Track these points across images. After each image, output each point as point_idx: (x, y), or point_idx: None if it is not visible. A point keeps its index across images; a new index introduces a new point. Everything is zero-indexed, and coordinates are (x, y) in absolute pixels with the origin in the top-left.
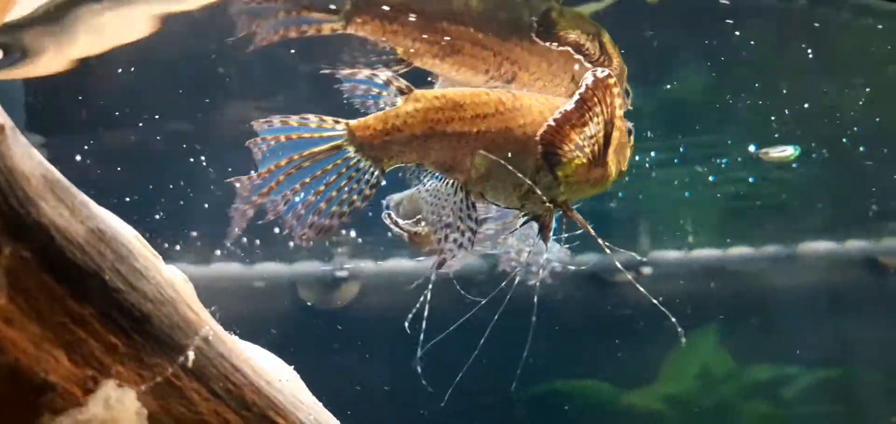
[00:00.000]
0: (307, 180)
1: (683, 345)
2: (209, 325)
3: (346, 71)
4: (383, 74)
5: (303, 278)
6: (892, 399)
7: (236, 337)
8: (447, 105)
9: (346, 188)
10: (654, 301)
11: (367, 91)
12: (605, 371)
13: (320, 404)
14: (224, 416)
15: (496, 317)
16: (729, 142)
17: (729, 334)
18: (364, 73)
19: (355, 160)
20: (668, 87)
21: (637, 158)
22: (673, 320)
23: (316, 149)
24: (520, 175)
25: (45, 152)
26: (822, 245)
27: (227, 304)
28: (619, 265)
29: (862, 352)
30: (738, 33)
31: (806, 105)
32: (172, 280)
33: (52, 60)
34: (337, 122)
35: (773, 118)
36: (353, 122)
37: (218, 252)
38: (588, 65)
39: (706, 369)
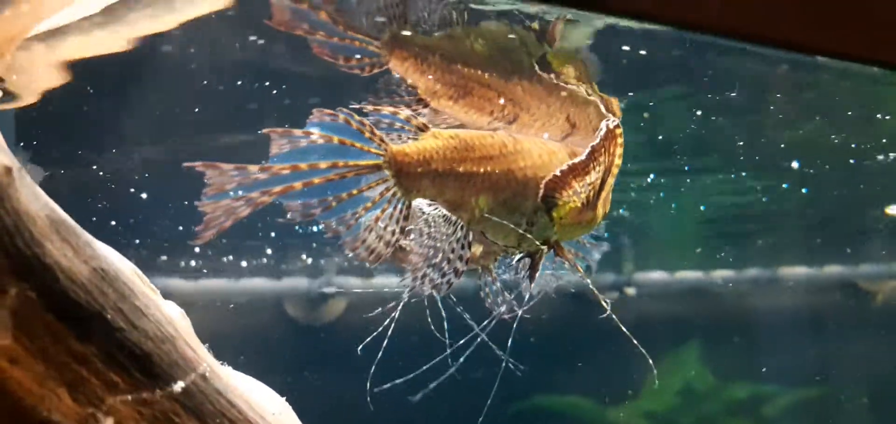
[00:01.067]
0: (349, 194)
1: (666, 362)
2: (206, 362)
3: (371, 107)
4: (404, 112)
5: (289, 294)
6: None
7: (229, 368)
8: (460, 145)
9: (388, 212)
10: (626, 331)
11: (390, 125)
12: (588, 387)
13: None
14: None
15: (479, 335)
16: (713, 166)
17: (710, 352)
18: (388, 109)
19: (392, 184)
20: (652, 105)
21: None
22: (641, 349)
23: (361, 162)
24: (519, 216)
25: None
26: (802, 270)
27: (213, 320)
28: (601, 299)
29: (841, 372)
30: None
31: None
32: (171, 317)
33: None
34: (382, 140)
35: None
36: (393, 146)
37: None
38: (579, 103)
39: (688, 386)
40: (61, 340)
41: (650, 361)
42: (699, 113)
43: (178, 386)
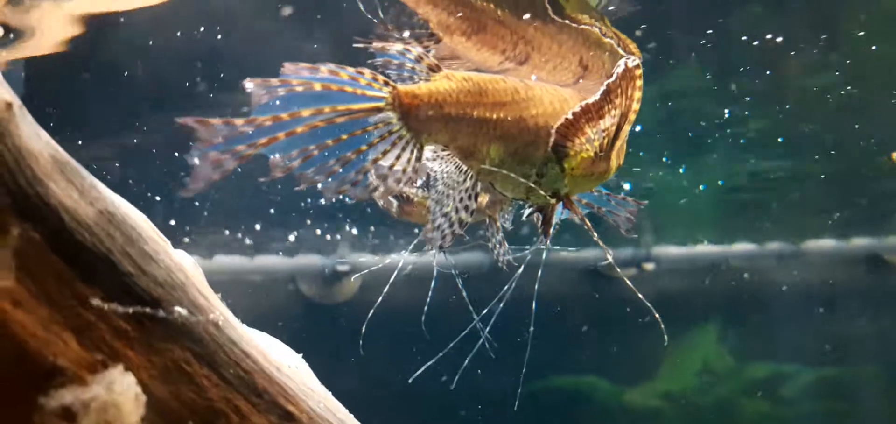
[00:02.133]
0: (341, 138)
1: (684, 342)
2: (219, 310)
3: (379, 44)
4: (415, 50)
5: (303, 272)
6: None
7: (243, 325)
8: (474, 89)
9: (391, 155)
10: (645, 302)
11: (401, 65)
12: (606, 367)
13: (329, 393)
14: (234, 403)
15: (497, 313)
16: (730, 139)
17: (729, 331)
18: (396, 47)
19: (398, 128)
20: (668, 82)
21: (641, 153)
22: (660, 322)
23: (355, 105)
24: (529, 167)
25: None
26: (826, 243)
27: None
28: (613, 263)
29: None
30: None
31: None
32: (182, 265)
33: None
34: (386, 82)
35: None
36: (401, 86)
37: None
38: (592, 45)
39: (706, 366)
40: (67, 283)
41: (665, 341)
42: (716, 80)
43: (190, 334)
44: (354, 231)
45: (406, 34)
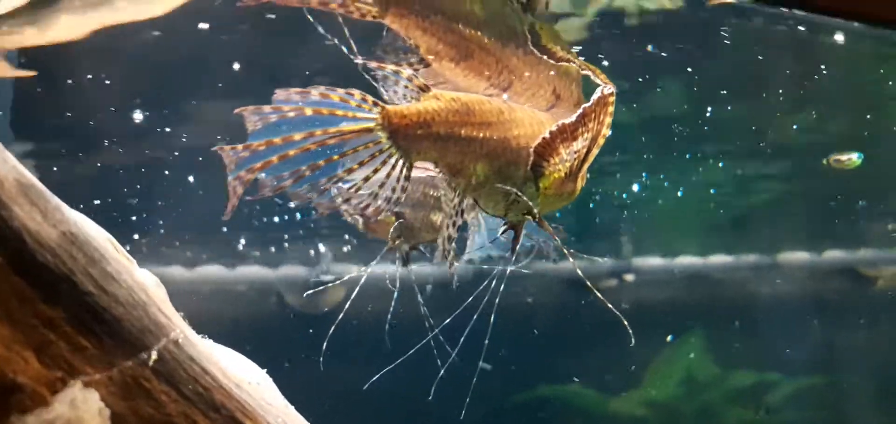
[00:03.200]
0: (332, 158)
1: (668, 351)
2: (179, 328)
3: (374, 64)
4: (406, 71)
5: (287, 282)
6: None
7: (209, 340)
8: (462, 108)
9: (381, 174)
10: (618, 314)
11: (394, 84)
12: (590, 376)
13: (292, 407)
14: (193, 418)
15: (470, 323)
16: (709, 152)
17: (713, 340)
18: (390, 67)
19: (387, 147)
20: (650, 96)
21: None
22: (630, 331)
23: (346, 127)
24: (511, 185)
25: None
26: (802, 255)
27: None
28: (583, 277)
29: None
30: (724, 33)
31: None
32: (144, 284)
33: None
34: (375, 102)
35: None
36: (390, 106)
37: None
38: (563, 77)
39: (690, 375)
40: (29, 303)
41: (631, 340)
42: (697, 93)
43: (149, 352)
44: (339, 243)
45: (396, 57)
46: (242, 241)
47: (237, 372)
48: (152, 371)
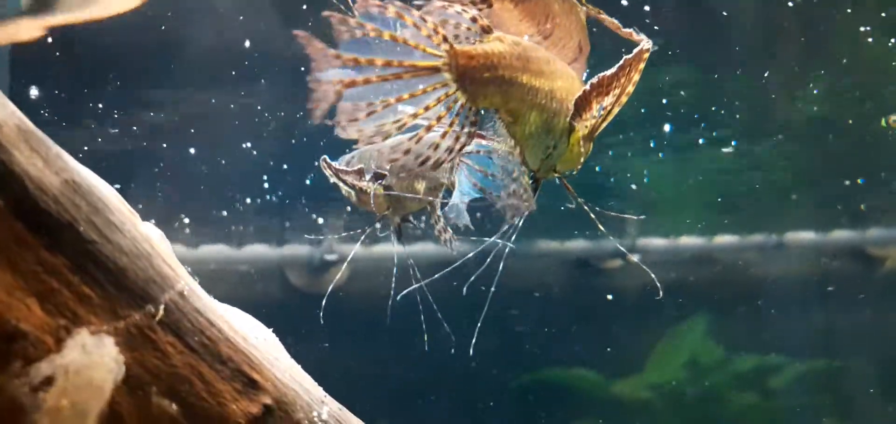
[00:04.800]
0: (402, 96)
1: (672, 334)
2: (185, 280)
3: (439, 4)
4: (471, 11)
5: (291, 261)
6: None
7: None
8: (523, 53)
9: (446, 120)
10: (657, 284)
11: (456, 25)
12: (593, 359)
13: (299, 366)
14: (198, 369)
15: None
16: (715, 131)
17: (717, 323)
18: (454, 7)
19: (453, 90)
20: (656, 74)
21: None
22: (662, 301)
23: (418, 61)
24: (551, 138)
25: None
26: (809, 235)
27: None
28: (612, 238)
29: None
30: (725, 13)
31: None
32: (149, 236)
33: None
34: (445, 38)
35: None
36: (458, 46)
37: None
38: (584, 31)
39: (694, 358)
40: (30, 249)
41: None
42: (704, 71)
43: (155, 302)
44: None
45: None
46: (242, 224)
47: (244, 328)
48: (158, 322)
